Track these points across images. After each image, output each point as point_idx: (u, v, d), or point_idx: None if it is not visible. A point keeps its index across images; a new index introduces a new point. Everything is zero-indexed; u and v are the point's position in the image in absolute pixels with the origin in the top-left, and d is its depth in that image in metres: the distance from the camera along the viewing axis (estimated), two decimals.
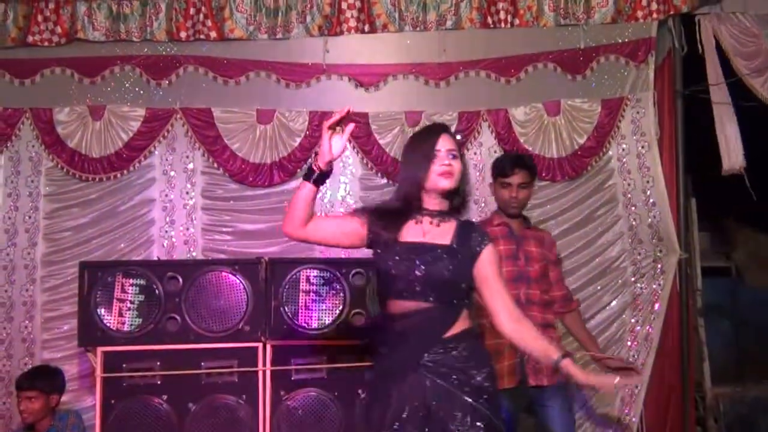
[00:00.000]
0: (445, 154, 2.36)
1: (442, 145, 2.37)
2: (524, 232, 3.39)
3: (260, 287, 3.48)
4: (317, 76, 4.21)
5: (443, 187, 2.35)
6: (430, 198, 2.38)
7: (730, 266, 6.34)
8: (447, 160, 2.35)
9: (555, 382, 3.21)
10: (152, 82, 4.16)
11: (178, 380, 3.38)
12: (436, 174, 2.34)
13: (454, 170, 2.36)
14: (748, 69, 3.94)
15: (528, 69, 4.25)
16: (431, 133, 2.43)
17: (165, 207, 4.20)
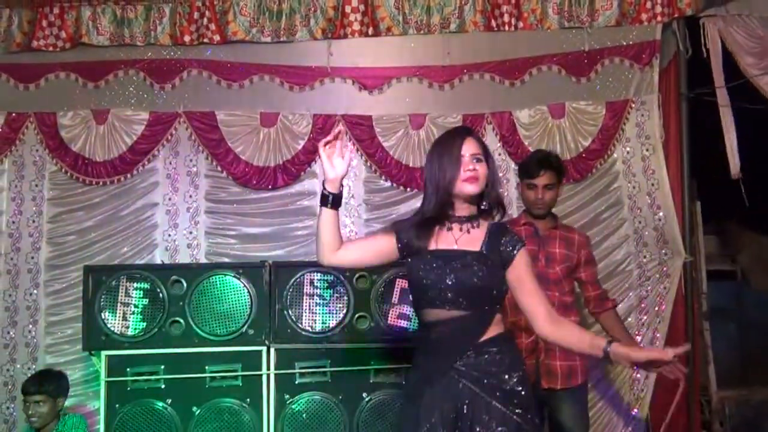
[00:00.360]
0: (470, 159, 2.36)
1: (467, 150, 2.37)
2: (550, 232, 3.38)
3: (264, 291, 3.49)
4: (321, 79, 4.23)
5: (469, 192, 2.36)
6: (459, 204, 2.39)
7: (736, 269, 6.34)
8: (471, 164, 2.36)
9: (567, 386, 3.22)
10: (156, 86, 4.18)
11: (182, 384, 3.40)
12: (462, 180, 2.35)
13: (479, 175, 2.36)
14: (756, 69, 3.93)
15: (532, 71, 4.26)
16: (455, 137, 2.42)
17: (168, 210, 4.21)
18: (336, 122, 4.23)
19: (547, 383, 3.23)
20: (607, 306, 3.44)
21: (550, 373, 3.22)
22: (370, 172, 4.28)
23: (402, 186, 4.26)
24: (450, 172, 2.34)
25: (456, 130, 2.54)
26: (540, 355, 3.22)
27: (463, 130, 2.51)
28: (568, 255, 3.33)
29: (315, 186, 4.24)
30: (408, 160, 4.25)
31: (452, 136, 2.44)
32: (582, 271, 3.38)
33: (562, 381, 3.23)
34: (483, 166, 2.38)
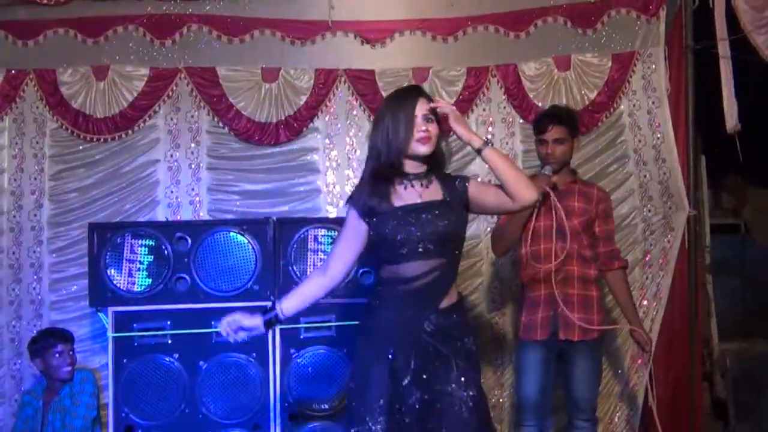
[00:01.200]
0: (422, 120, 2.45)
1: (419, 111, 2.46)
2: (569, 186, 3.41)
3: (268, 247, 3.55)
4: (322, 33, 4.20)
5: (422, 152, 2.46)
6: (411, 162, 2.49)
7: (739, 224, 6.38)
8: (424, 126, 2.45)
9: (584, 339, 3.30)
10: (156, 42, 4.15)
11: (188, 339, 3.48)
12: (415, 140, 2.44)
13: (432, 135, 2.46)
14: (753, 25, 3.89)
15: (537, 23, 4.23)
16: (407, 98, 2.50)
17: (170, 167, 4.23)
18: (338, 76, 4.23)
19: (564, 334, 3.31)
20: (614, 265, 3.46)
21: (568, 324, 3.29)
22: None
23: None
24: (403, 133, 2.43)
25: (407, 90, 2.65)
26: (557, 306, 3.28)
27: (414, 90, 2.59)
28: (587, 209, 3.37)
29: (318, 142, 4.27)
30: None
31: (404, 97, 2.52)
32: (597, 225, 3.42)
33: (580, 333, 3.30)
34: (434, 126, 2.48)
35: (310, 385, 3.50)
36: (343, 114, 4.28)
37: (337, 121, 4.28)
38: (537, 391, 3.37)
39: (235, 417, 3.48)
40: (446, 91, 4.25)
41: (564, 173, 3.42)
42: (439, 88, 4.25)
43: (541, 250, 3.34)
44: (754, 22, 3.89)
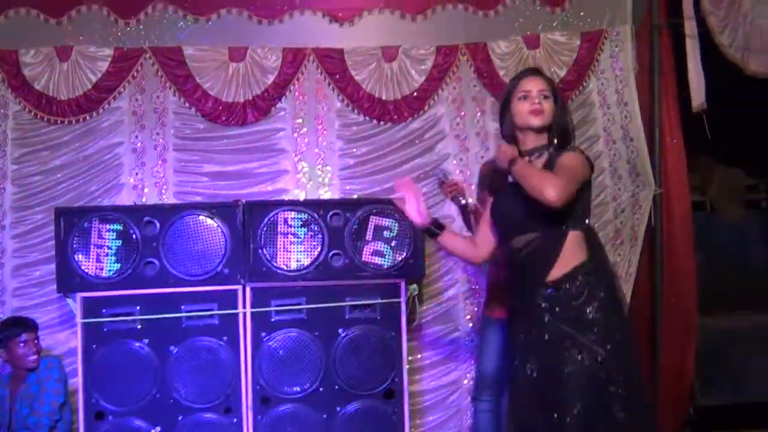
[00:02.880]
0: (536, 94, 2.67)
1: (534, 86, 2.68)
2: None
3: (238, 230, 3.61)
4: (290, 11, 4.24)
5: (534, 124, 2.66)
6: (526, 137, 2.70)
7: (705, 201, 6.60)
8: (537, 99, 2.66)
9: None
10: (120, 22, 4.16)
11: (158, 324, 3.53)
12: (527, 112, 2.65)
13: (545, 108, 2.65)
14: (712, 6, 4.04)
15: (506, 2, 4.33)
16: (523, 75, 2.76)
17: (135, 149, 4.26)
18: (306, 55, 4.28)
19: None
20: None
21: None
22: (343, 106, 4.34)
23: (375, 119, 4.34)
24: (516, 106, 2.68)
25: (526, 69, 2.92)
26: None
27: (533, 70, 2.85)
28: None
29: (286, 123, 4.32)
30: (381, 93, 4.34)
31: (521, 74, 2.78)
32: None
33: None
34: (550, 103, 2.67)
35: (281, 368, 3.57)
36: (311, 93, 4.33)
37: (306, 101, 4.33)
38: (495, 368, 3.54)
39: (206, 401, 3.53)
40: (415, 69, 4.34)
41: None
42: (409, 67, 4.34)
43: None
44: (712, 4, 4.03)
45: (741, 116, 4.42)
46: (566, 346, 2.53)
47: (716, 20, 4.08)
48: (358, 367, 3.60)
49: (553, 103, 2.68)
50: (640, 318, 4.39)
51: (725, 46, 4.19)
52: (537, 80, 2.71)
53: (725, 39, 4.17)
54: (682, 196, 4.34)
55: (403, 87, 4.33)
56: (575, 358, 2.51)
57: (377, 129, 4.36)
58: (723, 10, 4.09)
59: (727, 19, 4.18)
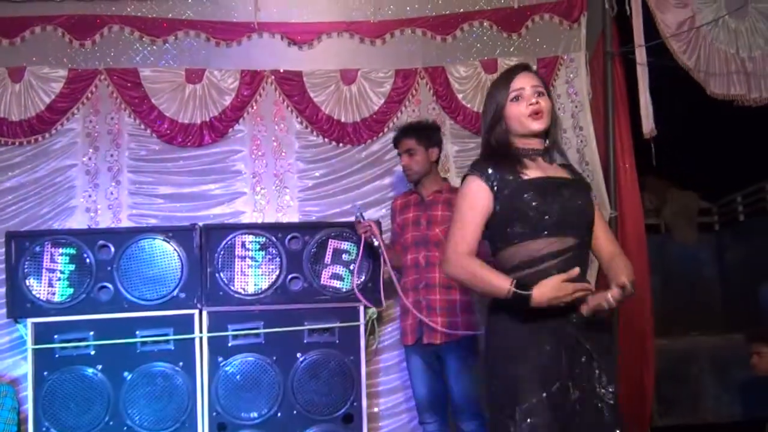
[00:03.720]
0: (531, 92, 2.39)
1: (527, 83, 2.39)
2: (434, 196, 3.72)
3: (195, 254, 3.67)
4: (248, 34, 4.33)
5: (536, 129, 2.38)
6: (527, 141, 2.41)
7: (660, 223, 6.84)
8: (534, 99, 2.37)
9: (449, 340, 3.55)
10: (75, 43, 4.20)
11: (112, 350, 3.56)
12: (527, 115, 2.37)
13: (542, 108, 2.37)
14: (669, 32, 4.26)
15: (464, 27, 4.48)
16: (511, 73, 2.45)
17: (88, 171, 4.26)
18: (265, 77, 4.37)
19: (427, 339, 3.58)
20: None
21: (431, 329, 3.55)
22: (302, 127, 4.43)
23: (334, 141, 4.43)
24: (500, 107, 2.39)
25: (513, 66, 2.56)
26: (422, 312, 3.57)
27: (521, 65, 2.51)
28: (450, 216, 3.64)
29: (243, 144, 4.38)
30: (340, 116, 4.42)
31: (509, 72, 2.47)
32: None
33: (443, 336, 3.55)
34: (546, 100, 2.40)
35: (238, 394, 3.62)
36: (269, 115, 4.41)
37: (264, 123, 4.40)
38: (426, 391, 3.65)
39: (161, 428, 3.56)
40: (374, 92, 4.45)
41: (428, 183, 3.74)
42: (368, 90, 4.44)
43: (408, 260, 3.67)
44: (671, 30, 4.25)
45: (697, 140, 4.63)
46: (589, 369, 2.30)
47: (678, 44, 4.29)
48: (317, 392, 3.67)
49: (549, 100, 2.42)
50: None
51: (690, 69, 4.38)
52: (529, 76, 2.43)
53: (689, 62, 4.37)
54: (635, 219, 4.50)
55: (362, 109, 4.44)
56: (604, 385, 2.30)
57: (336, 151, 4.44)
58: (684, 35, 4.29)
59: (689, 44, 4.39)
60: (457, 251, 2.36)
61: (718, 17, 4.38)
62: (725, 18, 4.39)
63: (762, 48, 4.43)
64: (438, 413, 3.68)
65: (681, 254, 6.72)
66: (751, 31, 4.46)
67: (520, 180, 2.36)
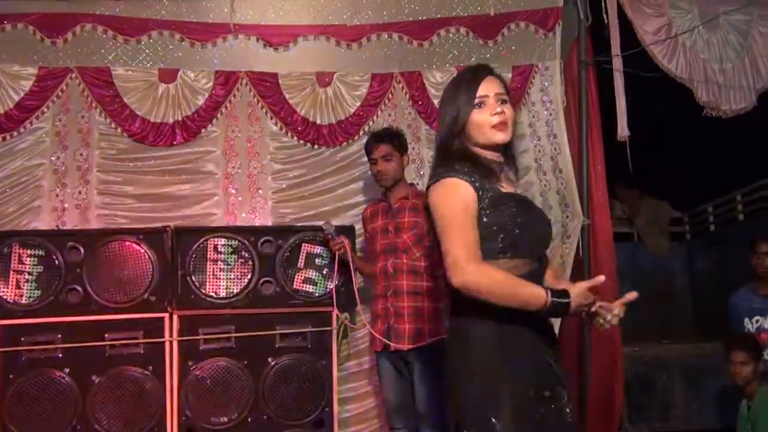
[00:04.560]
0: (495, 100, 2.22)
1: (491, 89, 2.23)
2: (401, 203, 3.81)
3: (166, 256, 3.70)
4: (224, 35, 4.38)
5: (499, 141, 2.23)
6: (491, 152, 2.26)
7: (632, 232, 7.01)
8: (498, 108, 2.22)
9: (417, 346, 3.64)
10: (47, 41, 4.21)
11: (80, 353, 3.58)
12: (489, 126, 2.21)
13: (506, 118, 2.23)
14: (650, 39, 4.40)
15: (440, 33, 4.56)
16: (473, 75, 2.28)
17: (56, 170, 4.28)
18: (239, 78, 4.41)
19: (394, 345, 3.67)
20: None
21: (399, 335, 3.65)
22: (276, 129, 4.47)
23: (309, 143, 4.49)
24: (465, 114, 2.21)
25: (475, 67, 2.39)
26: (391, 319, 3.68)
27: (483, 67, 2.34)
28: (416, 222, 3.74)
29: (216, 145, 4.42)
30: (315, 118, 4.48)
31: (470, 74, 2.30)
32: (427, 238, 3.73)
33: (410, 343, 3.65)
34: (509, 109, 2.25)
35: (208, 398, 3.66)
36: (244, 116, 4.45)
37: (238, 123, 4.45)
38: (395, 397, 3.75)
39: None
40: (350, 95, 4.51)
41: (397, 190, 3.84)
42: (344, 93, 4.51)
43: (378, 268, 3.78)
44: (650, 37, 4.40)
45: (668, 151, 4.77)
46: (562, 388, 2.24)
47: (659, 49, 4.43)
48: (288, 397, 3.72)
49: (512, 107, 2.27)
50: (570, 348, 4.65)
51: (674, 73, 4.52)
52: (494, 81, 2.26)
53: (672, 66, 4.51)
54: (605, 227, 4.63)
55: (338, 112, 4.50)
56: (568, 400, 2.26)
57: (311, 153, 4.50)
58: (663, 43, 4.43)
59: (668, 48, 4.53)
60: (469, 258, 2.10)
61: (693, 27, 4.53)
62: (699, 28, 4.54)
63: (732, 61, 4.60)
64: (407, 419, 3.76)
65: (653, 263, 6.89)
66: (722, 43, 4.63)
67: (501, 192, 2.21)
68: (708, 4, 4.65)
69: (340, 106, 4.51)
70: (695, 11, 4.60)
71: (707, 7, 4.63)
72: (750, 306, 4.42)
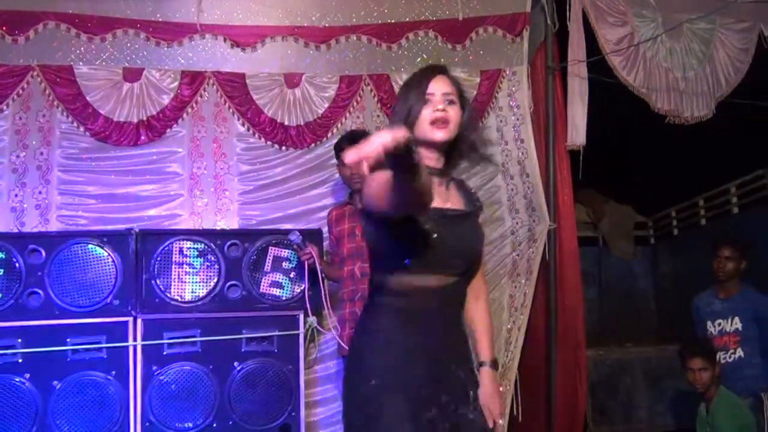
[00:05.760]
0: (441, 98, 2.21)
1: (438, 88, 2.22)
2: None
3: (130, 259, 3.67)
4: (190, 35, 4.36)
5: (438, 139, 2.19)
6: (429, 153, 2.22)
7: (597, 236, 7.13)
8: (442, 104, 2.19)
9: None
10: (8, 38, 4.16)
11: (41, 358, 3.53)
12: (429, 122, 2.19)
13: (449, 117, 2.19)
14: (611, 48, 4.50)
15: (409, 36, 4.61)
16: (424, 74, 2.28)
17: (15, 169, 4.22)
18: (206, 78, 4.40)
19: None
20: None
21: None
22: (244, 129, 4.47)
23: (277, 144, 4.49)
24: (416, 112, 2.20)
25: (429, 66, 2.38)
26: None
27: (437, 67, 2.34)
28: None
29: (182, 145, 4.40)
30: (283, 119, 4.49)
31: (423, 72, 2.30)
32: None
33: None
34: (455, 110, 2.23)
35: (173, 404, 3.64)
36: (210, 116, 4.44)
37: (204, 124, 4.44)
38: None
39: None
40: (319, 97, 4.53)
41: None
42: (312, 94, 4.52)
43: (345, 272, 3.84)
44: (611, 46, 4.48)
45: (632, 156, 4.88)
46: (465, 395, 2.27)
47: (618, 60, 4.53)
48: (254, 402, 3.71)
49: (461, 110, 2.24)
50: (536, 351, 4.73)
51: (631, 85, 4.62)
52: (443, 80, 2.25)
53: (629, 77, 4.61)
54: (570, 231, 4.72)
55: (306, 113, 4.51)
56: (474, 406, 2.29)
57: (279, 154, 4.50)
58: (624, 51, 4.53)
59: (628, 59, 4.63)
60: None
61: (656, 35, 4.64)
62: (662, 36, 4.65)
63: (695, 69, 4.72)
64: None
65: (617, 267, 7.02)
66: (685, 51, 4.75)
67: None
68: (672, 13, 4.77)
69: (308, 108, 4.52)
70: (659, 20, 4.72)
71: (671, 15, 4.75)
72: (711, 309, 4.54)
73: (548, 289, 4.73)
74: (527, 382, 4.70)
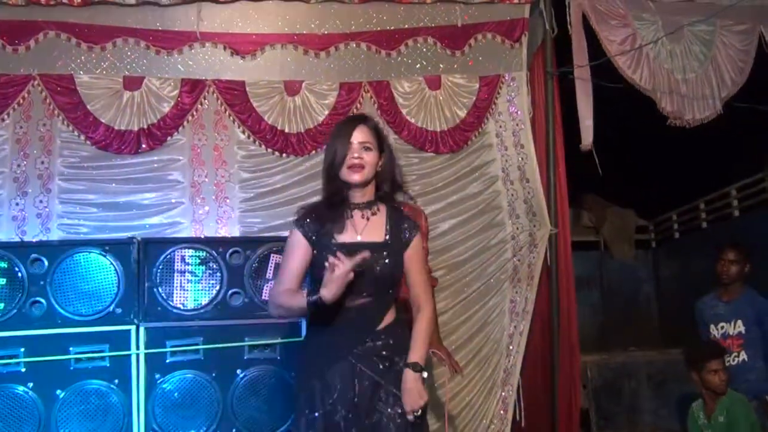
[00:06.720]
0: (358, 147, 2.63)
1: (356, 137, 2.64)
2: None
3: (132, 268, 3.68)
4: (190, 43, 4.41)
5: (353, 180, 2.63)
6: (354, 191, 2.67)
7: (599, 240, 7.15)
8: (357, 152, 2.63)
9: None
10: (8, 48, 4.20)
11: (44, 367, 3.54)
12: (347, 167, 2.62)
13: (365, 163, 2.62)
14: (615, 49, 4.53)
15: (408, 43, 4.65)
16: (348, 123, 2.71)
17: (16, 178, 4.26)
18: (206, 86, 4.43)
19: None
20: None
21: None
22: (244, 137, 4.51)
23: (277, 152, 4.53)
24: (339, 159, 2.63)
25: (352, 117, 2.86)
26: None
27: (359, 118, 2.79)
28: None
29: (183, 153, 4.43)
30: (283, 126, 4.53)
31: (347, 122, 2.74)
32: None
33: None
34: (371, 155, 2.65)
35: (176, 412, 3.64)
36: (211, 124, 4.48)
37: (205, 132, 4.47)
38: None
39: None
40: (319, 104, 4.56)
41: None
42: (312, 102, 4.56)
43: None
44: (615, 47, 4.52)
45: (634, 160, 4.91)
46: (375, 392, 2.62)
47: (623, 59, 4.56)
48: (257, 409, 3.72)
49: (378, 153, 2.67)
50: (537, 354, 4.75)
51: (638, 83, 4.65)
52: (362, 130, 2.67)
53: (636, 76, 4.64)
54: (564, 234, 4.75)
55: (306, 121, 4.54)
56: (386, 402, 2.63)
57: (279, 162, 4.54)
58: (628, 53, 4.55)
59: (632, 59, 4.66)
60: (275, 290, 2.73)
61: (657, 38, 4.67)
62: (663, 39, 4.68)
63: (696, 71, 4.75)
64: None
65: (619, 271, 7.03)
66: (686, 53, 4.78)
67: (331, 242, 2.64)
68: (672, 15, 4.80)
69: (308, 115, 4.55)
70: (659, 23, 4.75)
71: (671, 18, 4.78)
72: (715, 312, 4.53)
73: (550, 294, 4.75)
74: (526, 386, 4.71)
